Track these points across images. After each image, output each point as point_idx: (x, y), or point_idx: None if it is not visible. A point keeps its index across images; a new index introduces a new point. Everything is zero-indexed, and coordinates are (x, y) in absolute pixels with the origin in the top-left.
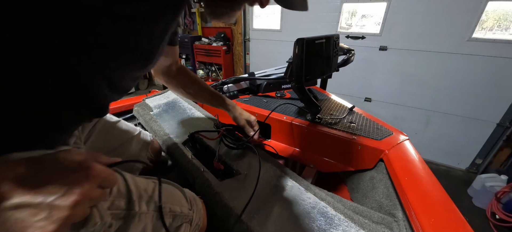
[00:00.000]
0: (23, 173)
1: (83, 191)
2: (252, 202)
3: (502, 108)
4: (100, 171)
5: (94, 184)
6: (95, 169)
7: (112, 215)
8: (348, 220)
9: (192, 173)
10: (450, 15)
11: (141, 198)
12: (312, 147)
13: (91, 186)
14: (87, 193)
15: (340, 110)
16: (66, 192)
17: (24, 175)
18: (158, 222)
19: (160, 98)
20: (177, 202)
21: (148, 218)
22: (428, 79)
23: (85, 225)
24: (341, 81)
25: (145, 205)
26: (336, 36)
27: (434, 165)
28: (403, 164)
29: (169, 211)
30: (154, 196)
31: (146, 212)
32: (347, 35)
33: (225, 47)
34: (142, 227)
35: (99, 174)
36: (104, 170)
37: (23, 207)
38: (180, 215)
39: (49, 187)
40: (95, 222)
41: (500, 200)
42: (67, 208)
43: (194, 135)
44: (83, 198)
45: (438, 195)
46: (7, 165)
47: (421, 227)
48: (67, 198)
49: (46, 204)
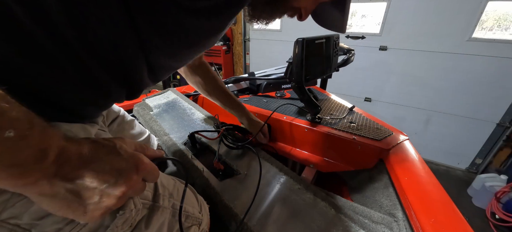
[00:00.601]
0: (86, 154)
1: (131, 183)
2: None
3: (502, 108)
4: (148, 165)
5: (140, 177)
6: (144, 163)
7: (142, 204)
8: (348, 220)
9: (192, 173)
10: (450, 15)
11: (165, 193)
12: (312, 147)
13: (138, 179)
14: (134, 185)
15: (340, 110)
16: (117, 182)
17: (86, 157)
18: (173, 218)
19: (160, 98)
20: (190, 203)
21: (167, 213)
22: (428, 79)
23: (122, 210)
24: (341, 81)
25: (167, 200)
26: (336, 36)
27: (434, 165)
28: (403, 164)
29: (183, 211)
30: (174, 193)
31: (167, 207)
32: (347, 35)
33: (225, 47)
34: (162, 221)
35: (146, 168)
36: (150, 164)
37: (80, 189)
38: (192, 216)
39: (104, 175)
40: (131, 208)
41: (500, 200)
42: (115, 197)
43: (194, 134)
44: (130, 189)
45: (438, 195)
46: (73, 144)
47: (421, 227)
48: (117, 188)
49: (99, 190)
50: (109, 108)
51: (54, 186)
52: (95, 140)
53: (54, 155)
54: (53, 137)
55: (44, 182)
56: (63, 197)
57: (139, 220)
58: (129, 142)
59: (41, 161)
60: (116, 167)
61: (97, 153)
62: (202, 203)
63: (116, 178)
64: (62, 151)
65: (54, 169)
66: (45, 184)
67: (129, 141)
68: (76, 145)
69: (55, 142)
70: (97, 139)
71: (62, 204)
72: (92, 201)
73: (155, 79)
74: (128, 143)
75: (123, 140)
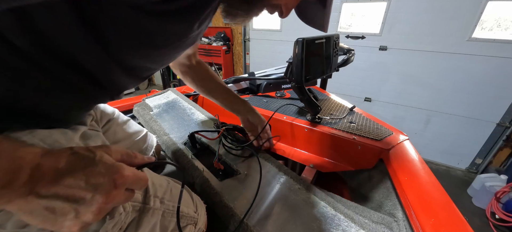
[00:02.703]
0: (62, 169)
1: (109, 198)
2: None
3: (502, 108)
4: (128, 177)
5: (121, 189)
6: (123, 176)
7: (132, 207)
8: (348, 220)
9: (192, 173)
10: (450, 15)
11: (156, 194)
12: (312, 147)
13: (118, 192)
14: (114, 198)
15: (340, 110)
16: (93, 197)
17: (63, 171)
18: (165, 219)
19: (160, 98)
20: (185, 203)
21: (159, 214)
22: (428, 79)
23: (111, 214)
24: (341, 81)
25: (159, 202)
26: (336, 36)
27: (434, 165)
28: (403, 164)
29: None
30: (166, 194)
31: (159, 209)
32: (347, 35)
33: (225, 47)
34: (153, 222)
35: (126, 180)
36: (133, 175)
37: (55, 205)
38: (186, 215)
39: (79, 191)
40: (120, 212)
41: (500, 200)
42: (92, 213)
43: (194, 134)
44: (109, 203)
45: (438, 195)
46: (50, 158)
47: (421, 227)
48: (93, 205)
49: (74, 207)
50: (103, 109)
51: (29, 203)
52: (75, 151)
53: (26, 175)
54: (24, 157)
55: (19, 200)
56: (40, 213)
57: (130, 222)
58: (115, 151)
59: (12, 183)
60: (92, 182)
61: (75, 166)
62: (198, 202)
63: (93, 193)
64: (36, 168)
65: (28, 188)
66: (21, 201)
67: (116, 149)
68: (53, 159)
69: (27, 162)
70: (78, 150)
71: (40, 219)
72: (68, 217)
73: (135, 79)
74: (114, 151)
75: (108, 149)
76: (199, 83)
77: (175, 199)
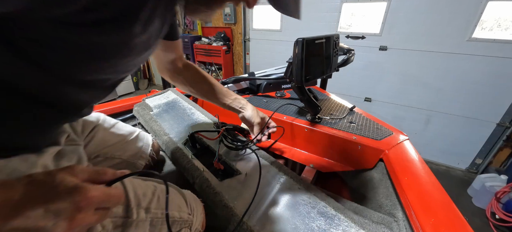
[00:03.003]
0: (17, 200)
1: (75, 222)
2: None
3: (502, 108)
4: (94, 197)
5: (87, 211)
6: (86, 198)
7: (112, 223)
8: (348, 220)
9: (192, 173)
10: (450, 15)
11: (139, 205)
12: (312, 147)
13: (84, 215)
14: (81, 221)
15: (340, 110)
16: (56, 224)
17: (18, 203)
18: (154, 228)
19: (160, 98)
20: (176, 207)
21: (145, 225)
22: (428, 79)
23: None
24: (341, 81)
25: (144, 212)
26: (336, 36)
27: (434, 165)
28: (403, 164)
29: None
30: (153, 202)
31: (144, 220)
32: (347, 35)
33: (225, 47)
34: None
35: (92, 201)
36: (102, 193)
37: None
38: (178, 220)
39: (38, 220)
40: (98, 230)
41: (500, 200)
42: None
43: (194, 135)
44: (76, 227)
45: (438, 195)
46: (2, 191)
47: (421, 227)
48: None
49: None
50: (84, 118)
51: None
52: (33, 179)
53: None
54: None
55: None
56: None
57: None
58: (81, 170)
59: None
60: (52, 209)
61: (32, 194)
62: (194, 202)
63: (55, 220)
64: None
65: None
66: None
67: (81, 169)
68: (6, 191)
69: None
70: (36, 176)
71: None
72: None
73: (100, 91)
74: (80, 171)
75: (72, 169)
76: (190, 86)
77: (163, 206)
